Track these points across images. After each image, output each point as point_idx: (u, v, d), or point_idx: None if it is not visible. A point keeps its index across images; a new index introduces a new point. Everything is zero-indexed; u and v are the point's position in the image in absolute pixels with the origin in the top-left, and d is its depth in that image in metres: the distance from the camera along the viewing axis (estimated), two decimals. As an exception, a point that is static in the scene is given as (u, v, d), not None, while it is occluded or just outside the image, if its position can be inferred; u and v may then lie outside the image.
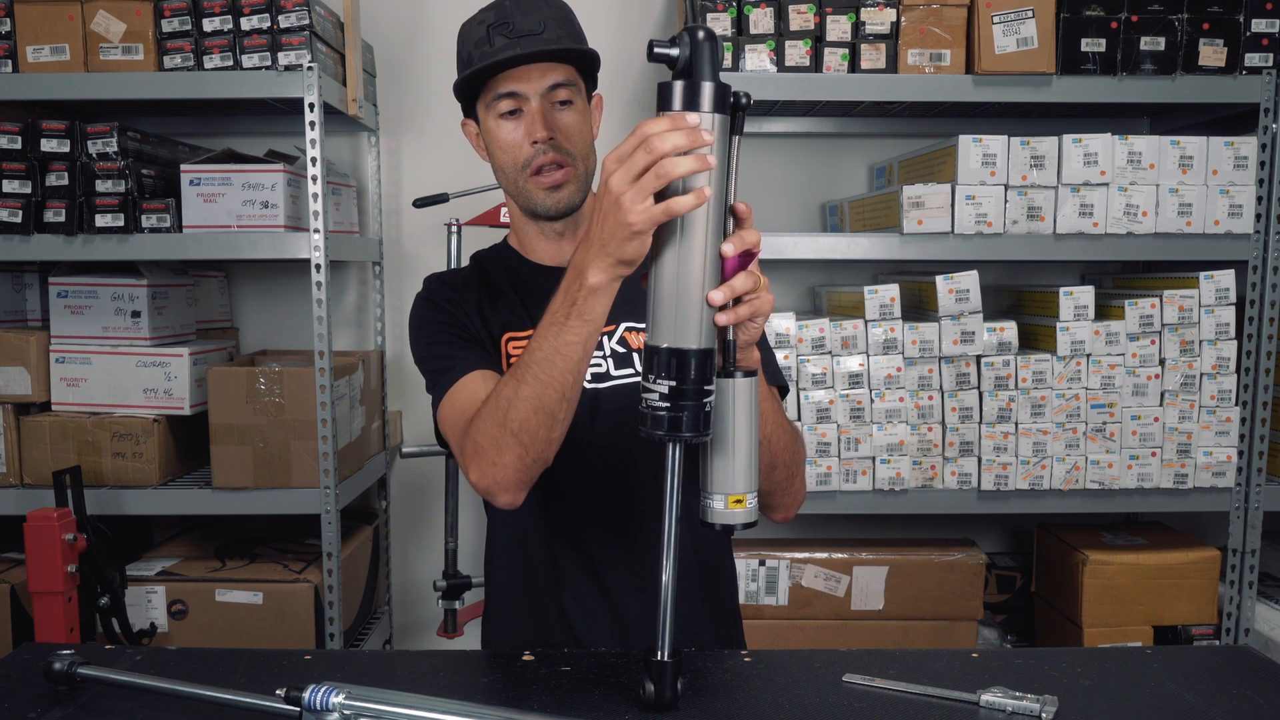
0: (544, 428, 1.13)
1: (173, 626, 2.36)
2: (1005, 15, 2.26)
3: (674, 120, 0.95)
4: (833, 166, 2.87)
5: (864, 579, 2.51)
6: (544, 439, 1.14)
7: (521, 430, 1.14)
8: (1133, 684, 1.15)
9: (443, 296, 1.39)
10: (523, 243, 1.44)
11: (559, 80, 1.30)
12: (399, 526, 2.97)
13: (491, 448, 1.16)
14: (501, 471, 1.17)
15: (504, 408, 1.14)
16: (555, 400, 1.12)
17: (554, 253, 1.42)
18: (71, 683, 1.10)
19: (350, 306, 2.90)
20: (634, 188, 0.96)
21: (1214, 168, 2.32)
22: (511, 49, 1.27)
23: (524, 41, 1.27)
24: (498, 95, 1.30)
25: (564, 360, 1.10)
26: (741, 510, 1.03)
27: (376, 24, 2.76)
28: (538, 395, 1.12)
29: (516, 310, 1.39)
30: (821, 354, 2.36)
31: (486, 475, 1.18)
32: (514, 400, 1.13)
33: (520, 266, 1.43)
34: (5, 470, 2.36)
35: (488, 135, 1.35)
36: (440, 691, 1.01)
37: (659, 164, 0.94)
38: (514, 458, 1.15)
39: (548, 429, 1.14)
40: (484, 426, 1.17)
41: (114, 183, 2.26)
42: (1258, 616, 2.45)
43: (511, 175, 1.34)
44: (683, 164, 0.94)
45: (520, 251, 1.44)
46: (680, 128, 0.94)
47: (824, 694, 1.10)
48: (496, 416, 1.15)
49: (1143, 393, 2.36)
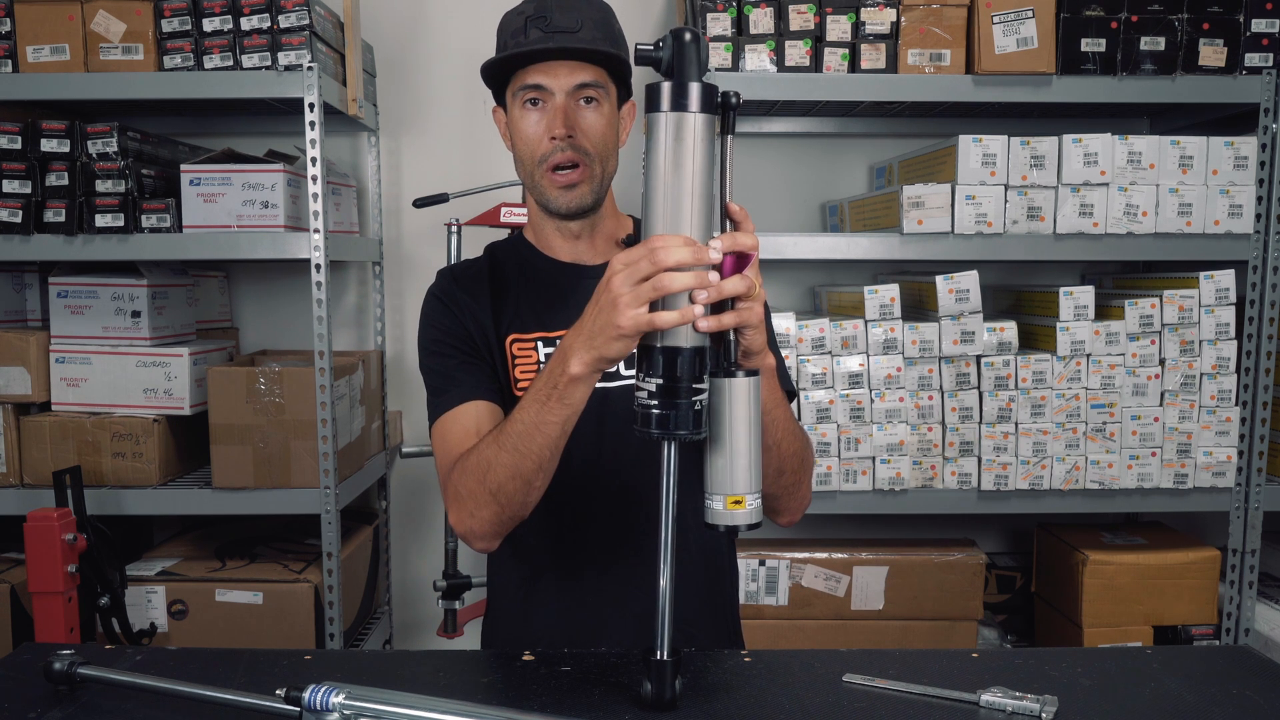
0: (520, 492, 1.20)
1: (173, 626, 2.35)
2: (1005, 15, 2.26)
3: (687, 240, 0.99)
4: (833, 166, 2.87)
5: (864, 579, 2.51)
6: (520, 501, 1.21)
7: (499, 492, 1.20)
8: (1133, 684, 1.15)
9: (452, 297, 1.39)
10: (539, 237, 1.44)
11: (586, 80, 1.31)
12: (399, 526, 2.97)
13: (470, 500, 1.22)
14: (478, 524, 1.24)
15: (484, 468, 1.20)
16: (532, 471, 1.18)
17: (570, 251, 1.42)
18: (71, 683, 1.10)
19: (350, 306, 2.90)
20: (632, 292, 0.99)
21: (1214, 168, 2.32)
22: (544, 43, 1.28)
23: (558, 37, 1.28)
24: (524, 85, 1.31)
25: (542, 437, 1.15)
26: (742, 512, 1.02)
27: (376, 24, 2.76)
28: (515, 464, 1.17)
29: (523, 311, 1.39)
30: (821, 354, 2.36)
31: (464, 524, 1.25)
32: (493, 464, 1.19)
33: (535, 260, 1.42)
34: (5, 470, 2.36)
35: (512, 125, 1.36)
36: (440, 691, 1.01)
37: (658, 277, 0.98)
38: (491, 514, 1.22)
39: (524, 494, 1.20)
40: (465, 481, 1.23)
41: (114, 183, 2.26)
42: (1258, 616, 2.45)
43: (529, 168, 1.35)
44: (679, 279, 0.97)
45: (535, 245, 1.44)
46: (689, 245, 0.98)
47: (824, 694, 1.10)
48: (477, 474, 1.21)
49: (1143, 393, 2.36)
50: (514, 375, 1.36)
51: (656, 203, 1.00)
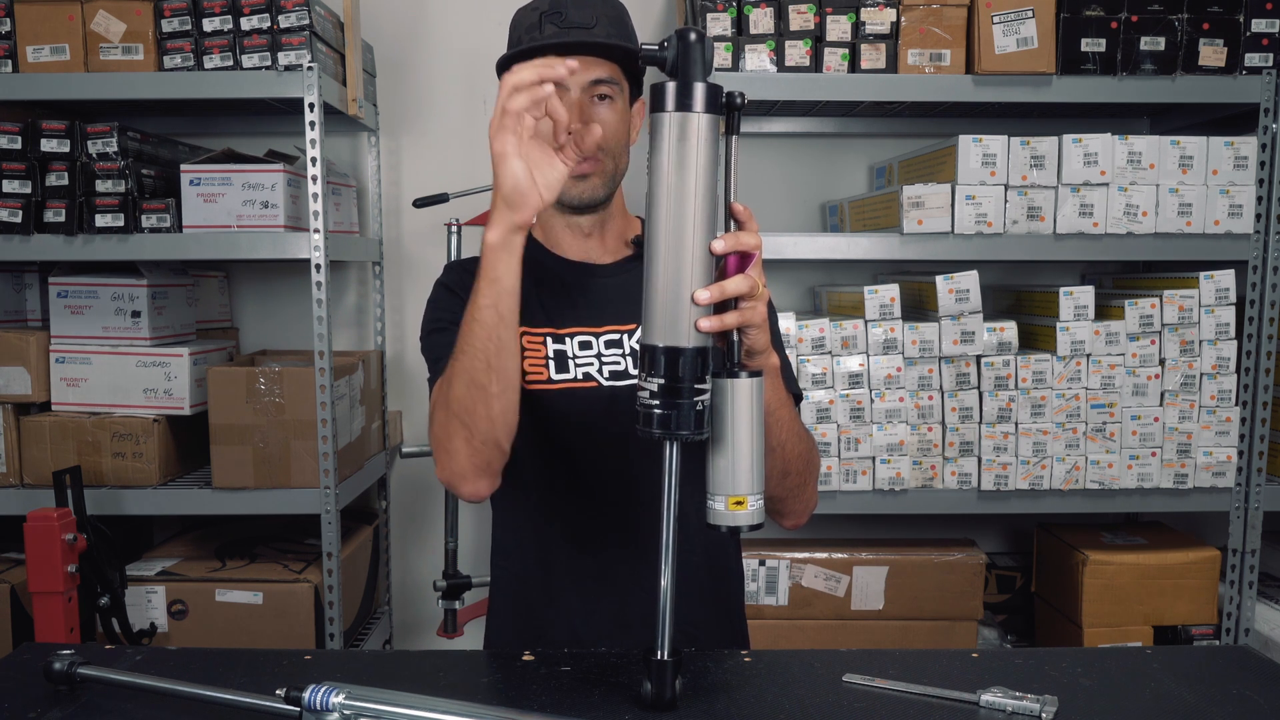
0: (480, 403, 1.15)
1: (173, 626, 2.35)
2: (1005, 15, 2.26)
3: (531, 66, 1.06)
4: (833, 166, 2.87)
5: (864, 579, 2.51)
6: (483, 416, 1.16)
7: (460, 410, 1.16)
8: (1133, 684, 1.15)
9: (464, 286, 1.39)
10: (548, 235, 1.43)
11: (601, 76, 1.31)
12: (399, 526, 2.97)
13: (444, 436, 1.19)
14: (456, 460, 1.19)
15: (447, 391, 1.17)
16: (482, 370, 1.14)
17: (579, 249, 1.41)
18: (71, 683, 1.10)
19: (350, 306, 2.90)
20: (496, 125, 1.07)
21: (1214, 168, 2.32)
22: (561, 38, 1.28)
23: (574, 33, 1.28)
24: None
25: (480, 326, 1.13)
26: (744, 512, 1.02)
27: (376, 24, 2.76)
28: (467, 369, 1.15)
29: (532, 306, 1.38)
30: (821, 354, 2.36)
31: (445, 467, 1.21)
32: (451, 380, 1.16)
33: (543, 259, 1.42)
34: (5, 470, 2.36)
35: None
36: (440, 691, 1.01)
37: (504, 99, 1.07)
38: (462, 442, 1.18)
39: (484, 405, 1.15)
40: (437, 417, 1.20)
41: (114, 183, 2.26)
42: (1258, 616, 2.45)
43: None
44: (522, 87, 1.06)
45: (544, 244, 1.43)
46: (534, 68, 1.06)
47: (824, 694, 1.10)
48: (443, 403, 1.18)
49: (1143, 393, 2.36)
50: (523, 368, 1.36)
51: (660, 203, 1.00)
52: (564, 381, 1.34)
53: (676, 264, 0.99)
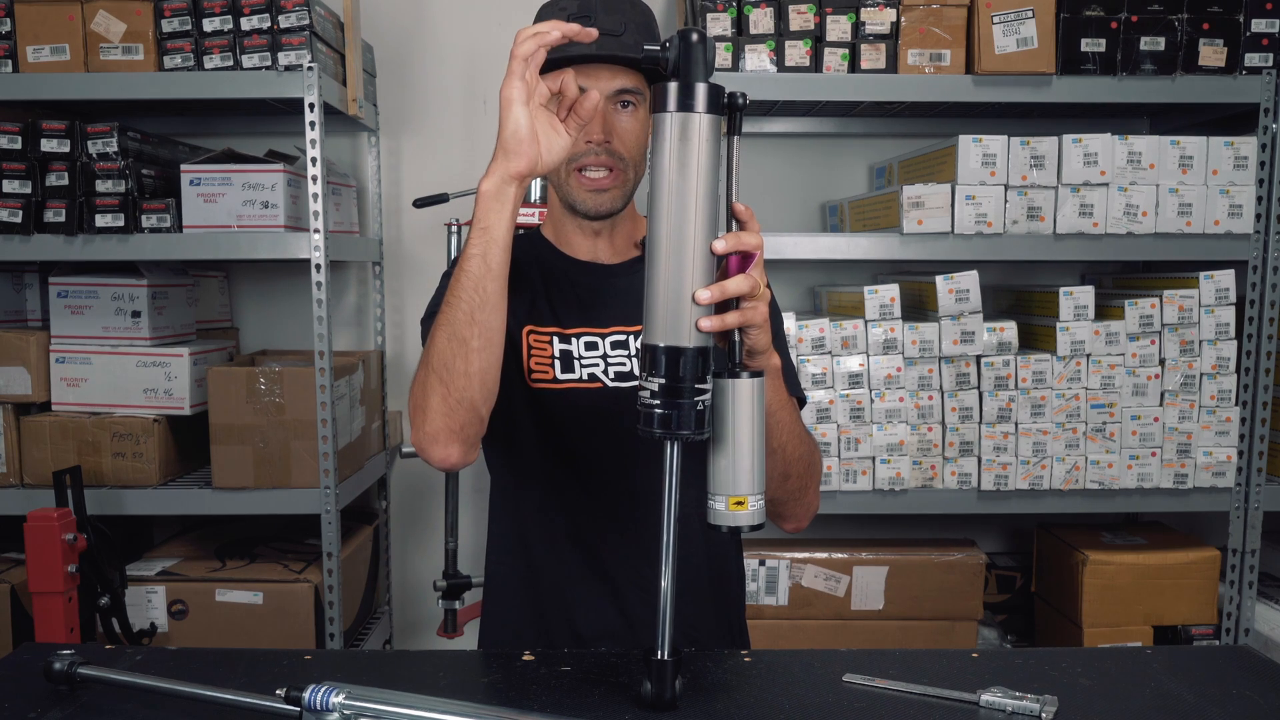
0: (459, 357, 1.13)
1: (173, 626, 2.36)
2: (1005, 15, 2.26)
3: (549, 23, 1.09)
4: (833, 166, 2.87)
5: (864, 579, 2.51)
6: (461, 371, 1.13)
7: (439, 364, 1.14)
8: (1133, 684, 1.15)
9: None
10: (558, 234, 1.42)
11: (627, 85, 1.30)
12: (399, 526, 2.97)
13: (421, 395, 1.16)
14: (430, 420, 1.16)
15: (428, 346, 1.16)
16: (464, 323, 1.12)
17: (589, 249, 1.40)
18: (71, 683, 1.10)
19: (350, 306, 2.90)
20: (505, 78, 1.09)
21: (1214, 168, 2.32)
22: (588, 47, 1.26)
23: (603, 40, 1.26)
24: None
25: (467, 277, 1.12)
26: (744, 513, 1.02)
27: (376, 24, 2.76)
28: (449, 320, 1.13)
29: (540, 304, 1.38)
30: (821, 354, 2.36)
31: (418, 428, 1.17)
32: (435, 334, 1.15)
33: (553, 259, 1.41)
34: (5, 470, 2.36)
35: None
36: (440, 691, 1.01)
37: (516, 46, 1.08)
38: (439, 399, 1.14)
39: (463, 359, 1.13)
40: (418, 376, 1.18)
41: (114, 183, 2.26)
42: (1258, 616, 2.45)
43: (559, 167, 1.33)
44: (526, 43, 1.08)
45: (554, 243, 1.42)
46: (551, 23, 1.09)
47: (824, 694, 1.10)
48: (424, 358, 1.16)
49: (1143, 393, 2.36)
50: (529, 365, 1.35)
51: (662, 203, 1.00)
52: (569, 381, 1.34)
53: (678, 264, 1.00)
